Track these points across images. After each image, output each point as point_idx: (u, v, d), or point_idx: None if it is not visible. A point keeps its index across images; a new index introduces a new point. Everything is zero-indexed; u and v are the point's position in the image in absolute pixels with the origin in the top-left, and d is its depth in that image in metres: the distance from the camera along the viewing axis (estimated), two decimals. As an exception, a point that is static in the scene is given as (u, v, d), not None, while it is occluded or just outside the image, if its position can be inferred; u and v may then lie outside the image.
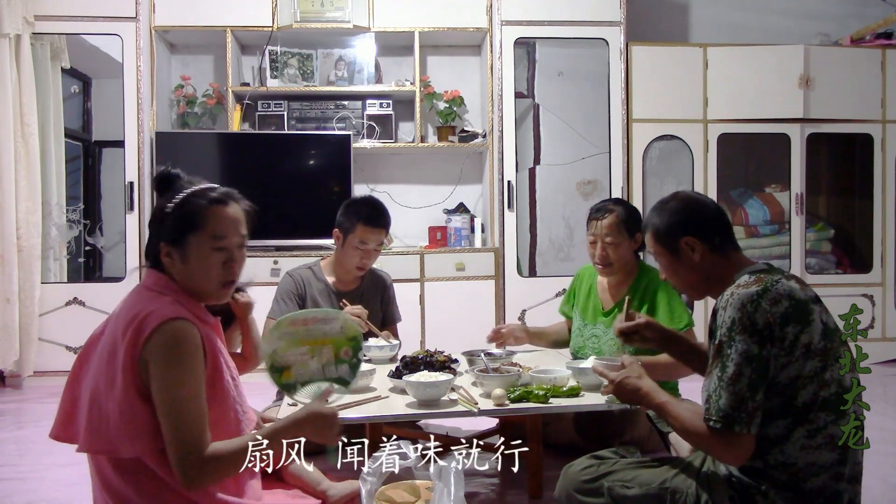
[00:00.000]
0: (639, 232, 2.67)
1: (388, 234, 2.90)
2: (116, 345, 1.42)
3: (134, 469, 1.42)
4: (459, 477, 1.52)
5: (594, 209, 2.72)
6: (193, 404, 1.39)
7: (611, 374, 1.78)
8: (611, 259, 2.64)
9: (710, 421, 1.49)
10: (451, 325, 4.35)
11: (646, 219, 1.81)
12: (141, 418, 1.39)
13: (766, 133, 4.77)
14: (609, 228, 2.63)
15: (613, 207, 2.67)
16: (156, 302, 1.45)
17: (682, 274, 1.73)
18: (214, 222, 1.51)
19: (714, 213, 1.73)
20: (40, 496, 2.57)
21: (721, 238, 1.69)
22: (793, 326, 1.48)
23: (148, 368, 1.39)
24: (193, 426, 1.38)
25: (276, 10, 4.44)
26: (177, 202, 1.51)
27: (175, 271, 1.51)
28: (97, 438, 1.41)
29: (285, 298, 2.82)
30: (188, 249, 1.49)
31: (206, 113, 4.61)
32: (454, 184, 4.94)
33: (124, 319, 1.44)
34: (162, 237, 1.51)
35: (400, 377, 2.20)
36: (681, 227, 1.70)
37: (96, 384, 1.43)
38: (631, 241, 2.66)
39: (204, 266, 1.50)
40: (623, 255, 2.65)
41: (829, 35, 5.18)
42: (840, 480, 1.51)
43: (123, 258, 4.33)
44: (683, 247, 1.69)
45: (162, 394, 1.38)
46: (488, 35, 4.57)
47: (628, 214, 2.67)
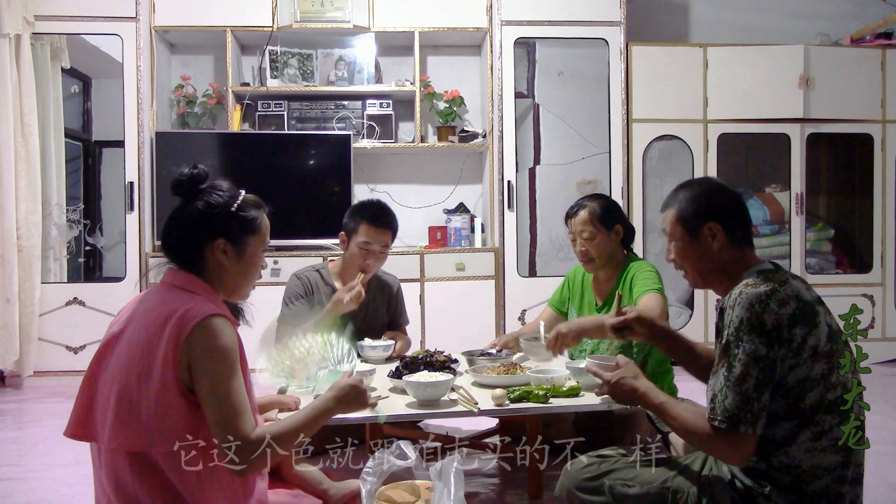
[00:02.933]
0: (618, 224, 2.67)
1: (394, 237, 2.85)
2: (152, 342, 1.44)
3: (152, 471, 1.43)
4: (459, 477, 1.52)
5: (570, 207, 2.74)
6: (241, 395, 1.45)
7: (605, 374, 1.76)
8: (591, 254, 2.64)
9: (714, 421, 1.48)
10: (451, 325, 4.36)
11: (669, 196, 1.75)
12: (178, 414, 1.42)
13: (766, 133, 4.77)
14: (583, 224, 2.64)
15: (586, 203, 2.68)
16: (190, 300, 1.49)
17: (693, 259, 1.70)
18: (265, 229, 1.65)
19: (742, 206, 1.70)
20: (40, 496, 2.57)
21: (742, 232, 1.67)
22: (800, 328, 1.48)
23: (189, 365, 1.42)
24: (244, 416, 1.43)
25: (276, 10, 4.44)
26: (238, 203, 1.59)
27: (226, 267, 1.57)
28: (129, 434, 1.41)
29: (294, 301, 2.81)
30: (246, 249, 1.59)
31: (207, 113, 4.61)
32: (454, 184, 4.94)
33: (158, 317, 1.46)
34: (221, 234, 1.56)
35: (400, 377, 2.20)
36: (708, 212, 1.66)
37: (125, 381, 1.44)
38: (609, 233, 2.65)
39: (252, 267, 1.62)
40: (603, 248, 2.64)
41: (829, 35, 5.18)
42: (843, 483, 1.51)
43: (123, 258, 4.32)
44: (705, 232, 1.66)
45: (211, 387, 1.42)
46: (488, 35, 4.57)
47: (603, 208, 2.66)
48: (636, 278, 2.58)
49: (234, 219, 1.58)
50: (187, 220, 1.57)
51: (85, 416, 1.49)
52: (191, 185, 1.58)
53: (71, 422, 1.50)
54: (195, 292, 1.53)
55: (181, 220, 1.57)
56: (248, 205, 1.61)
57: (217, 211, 1.57)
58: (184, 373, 1.43)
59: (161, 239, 1.62)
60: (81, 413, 1.49)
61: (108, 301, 4.19)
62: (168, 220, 1.60)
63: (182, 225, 1.57)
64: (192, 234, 1.56)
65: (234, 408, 1.42)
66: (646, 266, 2.63)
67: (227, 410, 1.42)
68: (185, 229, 1.57)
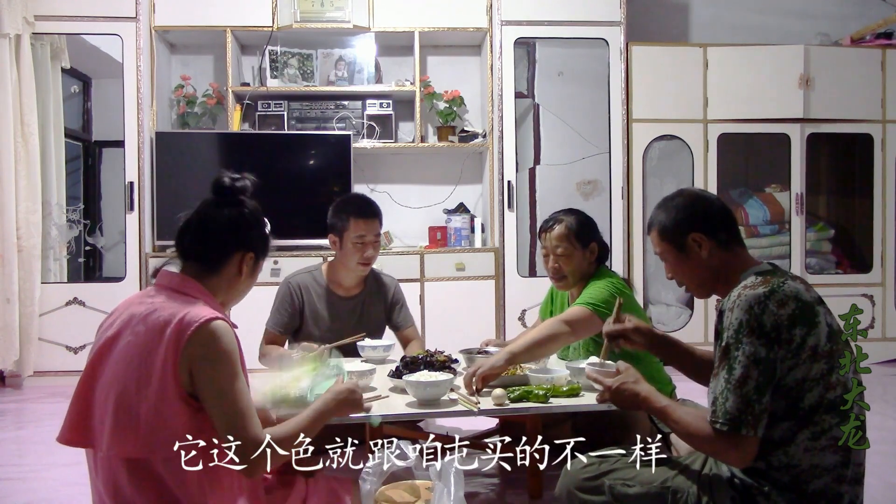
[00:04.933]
0: (593, 241, 2.59)
1: (381, 225, 2.86)
2: (150, 347, 1.44)
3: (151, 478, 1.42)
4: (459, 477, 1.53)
5: (544, 221, 2.64)
6: (246, 397, 1.47)
7: (606, 380, 1.76)
8: (564, 272, 2.56)
9: (716, 423, 1.48)
10: (451, 325, 4.35)
11: (651, 217, 1.79)
12: (178, 420, 1.42)
13: (766, 133, 4.77)
14: (559, 239, 2.55)
15: (563, 217, 2.59)
16: (188, 305, 1.50)
17: (689, 271, 1.72)
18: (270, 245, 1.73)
19: (719, 209, 1.72)
20: (40, 496, 2.57)
21: (727, 234, 1.68)
22: (800, 328, 1.48)
23: (191, 370, 1.43)
24: (250, 418, 1.46)
25: (276, 10, 4.44)
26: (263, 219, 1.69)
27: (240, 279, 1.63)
28: (128, 440, 1.41)
29: (280, 309, 2.82)
30: (257, 268, 1.68)
31: (206, 113, 4.61)
32: (454, 184, 4.94)
33: (156, 323, 1.46)
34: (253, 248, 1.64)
35: (400, 377, 2.20)
36: (687, 224, 1.68)
37: (124, 388, 1.43)
38: (584, 251, 2.56)
39: (253, 284, 1.71)
40: (577, 266, 2.55)
41: (829, 35, 5.18)
42: (842, 482, 1.51)
43: (123, 258, 4.32)
44: (691, 243, 1.68)
45: (215, 390, 1.44)
46: (488, 35, 4.57)
47: (579, 224, 2.57)
48: (586, 288, 2.50)
49: (266, 240, 1.69)
50: (226, 223, 1.60)
51: (81, 422, 1.48)
52: (234, 192, 1.62)
53: (65, 427, 1.49)
54: (192, 296, 1.53)
55: (219, 221, 1.60)
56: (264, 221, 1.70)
57: (258, 226, 1.66)
58: (184, 378, 1.43)
59: (181, 231, 1.62)
60: (77, 419, 1.48)
61: (108, 301, 4.19)
62: (201, 215, 1.61)
63: (219, 226, 1.60)
64: (228, 237, 1.60)
65: (240, 410, 1.45)
66: (603, 281, 2.49)
67: (233, 413, 1.44)
68: (222, 231, 1.60)
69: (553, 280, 2.63)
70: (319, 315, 2.83)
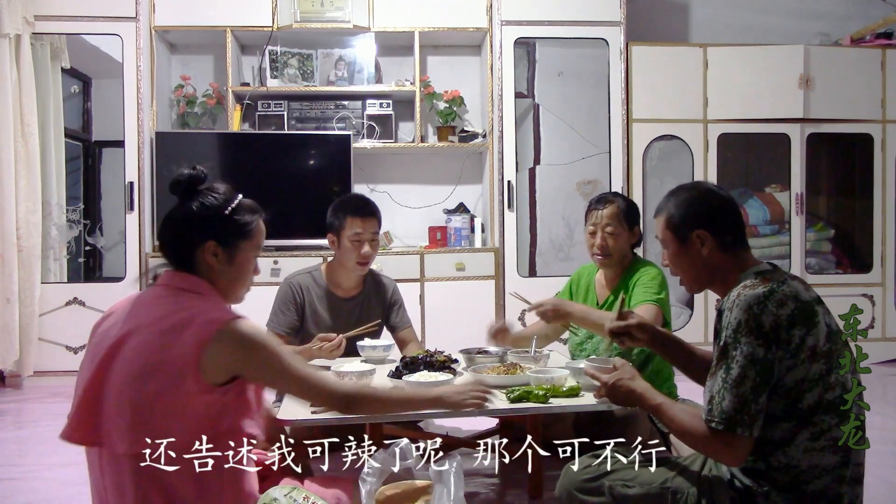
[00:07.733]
0: (637, 226, 2.70)
1: (380, 224, 2.86)
2: (165, 348, 1.42)
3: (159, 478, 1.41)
4: (459, 477, 1.52)
5: (594, 200, 2.74)
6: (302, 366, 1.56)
7: (603, 376, 1.76)
8: (610, 249, 2.64)
9: (711, 422, 1.48)
10: (451, 325, 4.35)
11: (661, 202, 1.77)
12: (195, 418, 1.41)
13: (766, 133, 4.77)
14: (610, 218, 2.64)
15: (614, 198, 2.70)
16: (199, 304, 1.50)
17: (686, 265, 1.71)
18: (259, 234, 1.65)
19: (732, 211, 1.70)
20: (40, 496, 2.57)
21: (733, 237, 1.67)
22: (799, 329, 1.48)
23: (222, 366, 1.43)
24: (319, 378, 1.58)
25: (276, 10, 4.44)
26: (233, 207, 1.59)
27: (216, 270, 1.57)
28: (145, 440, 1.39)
29: (283, 310, 2.81)
30: (237, 254, 1.59)
31: (206, 113, 4.61)
32: (454, 184, 4.94)
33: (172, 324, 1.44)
34: (213, 236, 1.57)
35: (400, 377, 2.20)
36: (695, 219, 1.67)
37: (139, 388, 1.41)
38: (629, 233, 2.67)
39: (242, 273, 1.63)
40: (622, 246, 2.65)
41: (829, 35, 5.19)
42: (842, 483, 1.51)
43: (123, 258, 4.33)
44: (694, 239, 1.67)
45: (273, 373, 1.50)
46: (488, 35, 4.57)
47: (628, 207, 2.69)
48: (639, 283, 2.57)
49: (228, 222, 1.58)
50: (181, 220, 1.57)
51: (89, 421, 1.46)
52: (189, 185, 1.58)
53: (70, 426, 1.47)
54: (201, 293, 1.53)
55: (176, 219, 1.58)
56: (243, 209, 1.61)
57: (210, 213, 1.57)
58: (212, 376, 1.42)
59: (157, 238, 1.63)
60: (85, 417, 1.46)
61: (108, 301, 4.09)
62: (164, 219, 1.61)
63: (176, 225, 1.58)
64: (185, 234, 1.56)
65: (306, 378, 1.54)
66: (652, 272, 2.60)
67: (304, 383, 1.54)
68: (179, 229, 1.57)
69: (598, 257, 2.68)
70: (319, 315, 2.83)
